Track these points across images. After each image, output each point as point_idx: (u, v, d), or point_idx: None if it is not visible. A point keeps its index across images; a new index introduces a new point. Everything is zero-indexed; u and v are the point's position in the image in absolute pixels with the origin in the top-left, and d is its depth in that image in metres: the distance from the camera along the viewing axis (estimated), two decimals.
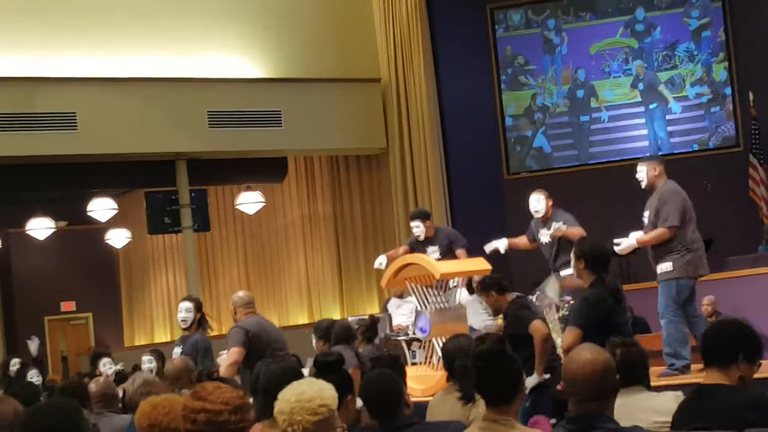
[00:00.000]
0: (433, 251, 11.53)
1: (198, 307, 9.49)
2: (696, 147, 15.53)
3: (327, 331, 9.28)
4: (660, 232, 9.20)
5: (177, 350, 9.36)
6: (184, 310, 9.42)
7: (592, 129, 15.83)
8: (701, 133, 15.49)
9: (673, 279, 9.15)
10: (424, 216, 11.81)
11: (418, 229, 11.56)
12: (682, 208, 9.28)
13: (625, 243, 9.39)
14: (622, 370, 5.26)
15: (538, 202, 10.86)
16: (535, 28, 15.80)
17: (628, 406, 5.07)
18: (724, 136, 15.49)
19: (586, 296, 7.05)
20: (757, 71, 15.26)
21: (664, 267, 9.21)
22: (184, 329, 9.50)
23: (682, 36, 15.45)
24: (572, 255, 7.22)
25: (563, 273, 10.25)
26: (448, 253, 11.59)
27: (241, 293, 9.67)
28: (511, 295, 8.67)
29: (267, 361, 5.61)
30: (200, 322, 9.46)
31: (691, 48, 15.44)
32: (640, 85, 15.57)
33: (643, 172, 9.56)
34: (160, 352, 11.74)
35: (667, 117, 15.53)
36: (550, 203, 10.88)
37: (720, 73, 15.45)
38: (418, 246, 11.67)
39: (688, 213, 9.32)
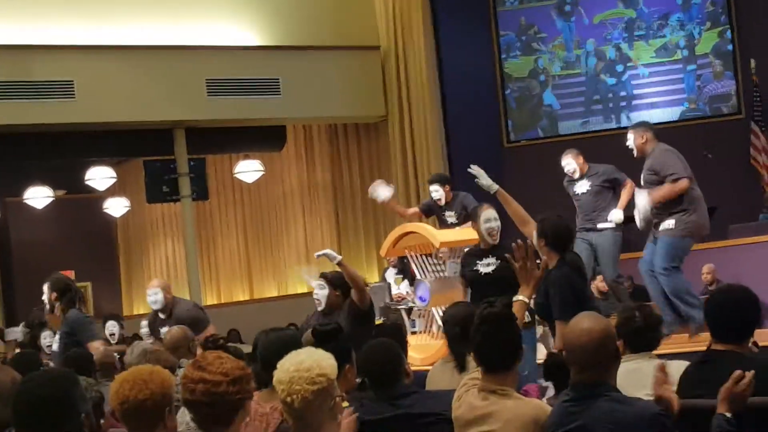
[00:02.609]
0: (450, 216, 11.53)
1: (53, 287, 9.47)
2: (686, 105, 15.84)
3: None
4: (674, 185, 9.16)
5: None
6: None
7: (597, 92, 16.27)
8: (680, 93, 15.96)
9: (676, 236, 9.14)
10: (443, 180, 11.79)
11: (437, 192, 11.56)
12: (683, 162, 9.28)
13: (640, 203, 9.28)
14: (641, 332, 5.27)
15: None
16: (546, 1, 16.41)
17: (640, 373, 5.05)
18: (711, 95, 15.80)
19: (555, 283, 6.84)
20: (758, 39, 15.22)
21: (667, 224, 9.20)
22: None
23: (674, 6, 16.00)
24: (534, 231, 7.10)
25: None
26: (465, 220, 11.57)
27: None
28: None
29: (266, 330, 5.57)
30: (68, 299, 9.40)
31: (682, 17, 15.98)
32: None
33: (630, 140, 9.61)
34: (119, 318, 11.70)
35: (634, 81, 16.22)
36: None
37: (705, 40, 15.85)
38: (436, 209, 11.67)
39: (689, 169, 9.32)
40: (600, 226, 10.81)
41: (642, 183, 9.49)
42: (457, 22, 16.01)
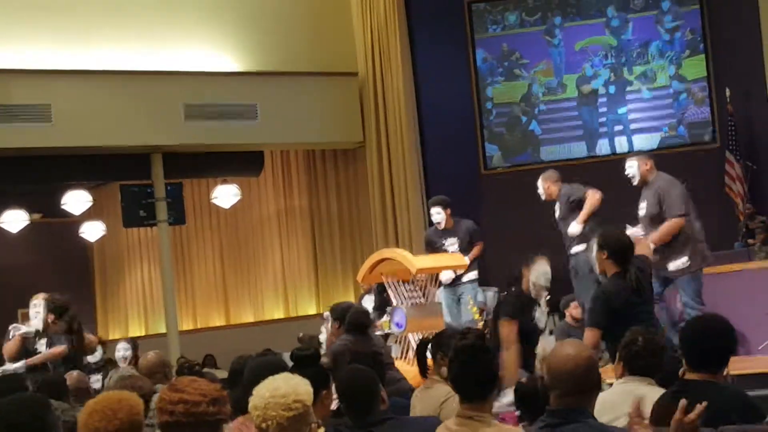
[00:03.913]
0: (452, 243, 11.49)
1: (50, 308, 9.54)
2: (666, 130, 16.00)
3: (343, 314, 9.07)
4: (671, 224, 9.24)
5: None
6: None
7: (578, 119, 16.43)
8: (660, 120, 16.12)
9: (693, 272, 9.20)
10: (445, 203, 11.75)
11: (439, 215, 11.52)
12: (684, 197, 9.34)
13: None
14: (641, 356, 5.31)
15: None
16: (528, 28, 16.56)
17: (635, 395, 5.06)
18: (690, 121, 15.96)
19: (597, 294, 7.10)
20: (733, 68, 15.33)
21: (680, 263, 9.25)
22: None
23: (654, 34, 16.21)
24: (596, 244, 7.31)
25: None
26: (467, 247, 11.58)
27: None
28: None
29: (247, 355, 5.57)
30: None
31: (662, 45, 16.18)
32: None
33: (633, 168, 9.62)
34: (135, 341, 11.72)
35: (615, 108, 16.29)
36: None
37: (686, 67, 16.04)
38: (435, 237, 11.61)
39: (690, 202, 9.40)
40: (572, 251, 10.83)
41: (642, 212, 9.51)
42: (436, 49, 16.07)
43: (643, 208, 9.52)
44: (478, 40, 16.49)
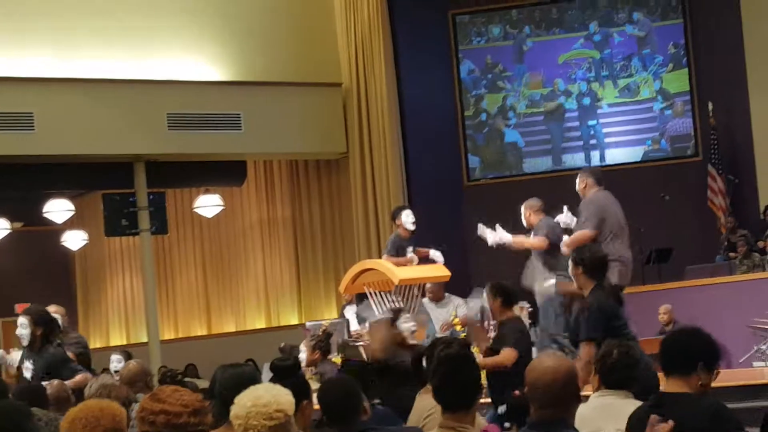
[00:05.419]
0: (410, 251, 11.54)
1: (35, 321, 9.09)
2: (649, 143, 16.08)
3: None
4: (579, 234, 9.46)
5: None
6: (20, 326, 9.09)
7: (562, 131, 16.57)
8: (643, 133, 16.25)
9: None
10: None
11: (413, 216, 11.63)
12: (598, 214, 9.52)
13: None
14: (616, 369, 5.32)
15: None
16: (512, 40, 16.70)
17: (613, 408, 5.07)
18: (672, 135, 16.07)
19: (588, 307, 7.08)
20: (716, 83, 15.40)
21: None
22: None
23: (637, 48, 16.38)
24: (570, 261, 7.36)
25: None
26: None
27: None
28: None
29: (224, 366, 5.54)
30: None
31: (645, 59, 16.34)
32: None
33: (576, 185, 9.90)
34: (129, 353, 11.65)
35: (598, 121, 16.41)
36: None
37: (668, 81, 16.17)
38: (404, 243, 11.64)
39: (609, 222, 9.53)
40: (544, 284, 10.76)
41: (576, 226, 9.76)
42: (419, 60, 16.10)
43: (577, 222, 9.82)
44: (462, 51, 16.53)
